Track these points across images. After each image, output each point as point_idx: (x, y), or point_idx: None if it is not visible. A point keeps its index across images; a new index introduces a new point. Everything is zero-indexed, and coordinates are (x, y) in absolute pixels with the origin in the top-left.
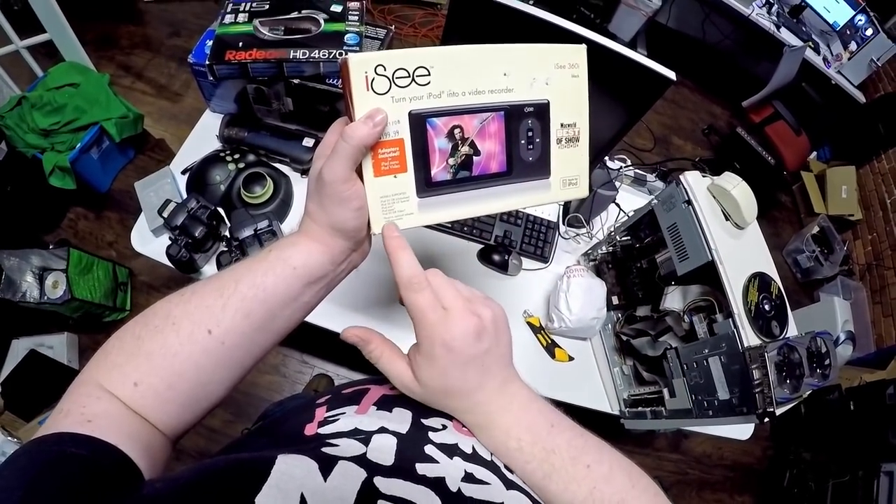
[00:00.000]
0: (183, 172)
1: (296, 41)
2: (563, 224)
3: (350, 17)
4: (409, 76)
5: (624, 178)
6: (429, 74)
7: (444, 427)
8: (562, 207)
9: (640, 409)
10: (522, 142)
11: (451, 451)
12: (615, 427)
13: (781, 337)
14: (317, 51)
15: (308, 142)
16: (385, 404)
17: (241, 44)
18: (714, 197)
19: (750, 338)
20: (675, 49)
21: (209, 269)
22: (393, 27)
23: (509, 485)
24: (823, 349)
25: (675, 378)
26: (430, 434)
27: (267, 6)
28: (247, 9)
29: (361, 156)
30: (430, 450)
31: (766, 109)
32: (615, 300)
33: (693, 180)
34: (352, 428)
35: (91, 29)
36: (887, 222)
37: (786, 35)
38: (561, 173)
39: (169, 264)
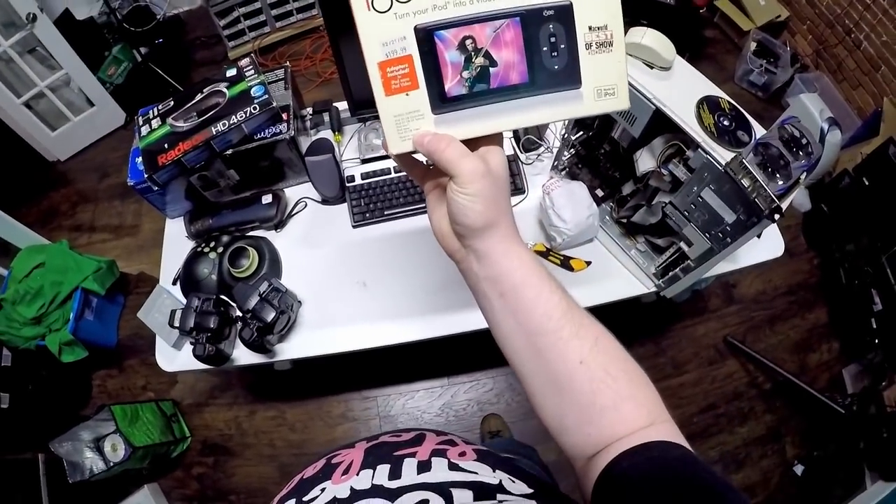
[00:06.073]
0: (174, 283)
1: (212, 118)
2: (521, 152)
3: (247, 74)
4: None
5: None
6: None
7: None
8: (512, 139)
9: (671, 273)
10: (545, 49)
11: None
12: (669, 313)
13: (752, 141)
14: (233, 116)
15: (266, 198)
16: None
17: (166, 145)
18: (631, 55)
19: (724, 155)
20: None
21: (238, 354)
22: (288, 64)
23: None
24: (796, 132)
25: (685, 228)
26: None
27: (172, 102)
28: (156, 114)
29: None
30: None
31: None
32: (599, 193)
33: None
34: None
35: (28, 211)
36: (813, 5)
37: None
38: (594, 82)
39: (201, 367)
